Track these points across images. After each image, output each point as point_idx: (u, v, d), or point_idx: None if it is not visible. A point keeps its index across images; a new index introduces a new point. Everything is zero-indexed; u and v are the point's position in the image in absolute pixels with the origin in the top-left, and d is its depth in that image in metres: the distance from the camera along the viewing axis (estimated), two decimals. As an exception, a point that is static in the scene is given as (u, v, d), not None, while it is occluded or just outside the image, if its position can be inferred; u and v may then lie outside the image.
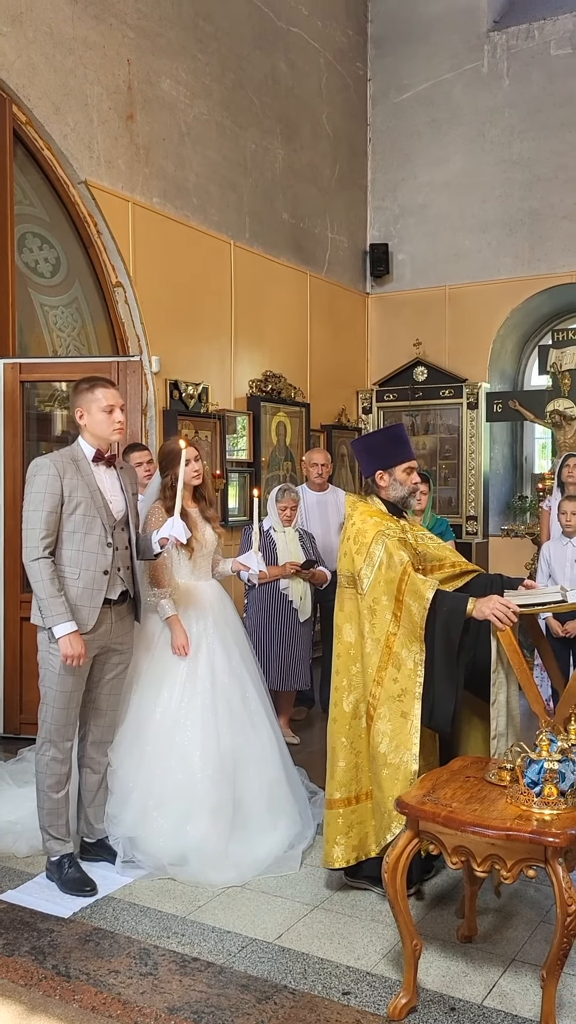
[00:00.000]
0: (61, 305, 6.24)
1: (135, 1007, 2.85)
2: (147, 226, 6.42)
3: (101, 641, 3.71)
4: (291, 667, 5.54)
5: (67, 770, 3.72)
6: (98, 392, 3.65)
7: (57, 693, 3.63)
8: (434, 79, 8.97)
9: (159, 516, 4.05)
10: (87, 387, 3.68)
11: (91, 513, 3.61)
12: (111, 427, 3.67)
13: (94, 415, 3.65)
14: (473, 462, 8.78)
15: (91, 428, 3.67)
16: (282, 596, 5.51)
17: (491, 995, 2.90)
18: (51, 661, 3.62)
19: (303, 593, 5.62)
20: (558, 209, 8.41)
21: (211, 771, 3.87)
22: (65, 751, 3.70)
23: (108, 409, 3.65)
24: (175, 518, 3.71)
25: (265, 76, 7.78)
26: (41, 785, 3.70)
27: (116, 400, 3.69)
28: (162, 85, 6.61)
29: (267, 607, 5.50)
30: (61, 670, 3.60)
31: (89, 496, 3.62)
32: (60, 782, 3.69)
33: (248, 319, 7.51)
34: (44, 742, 3.67)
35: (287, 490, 5.63)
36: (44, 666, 3.66)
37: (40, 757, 3.69)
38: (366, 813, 3.51)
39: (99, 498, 3.65)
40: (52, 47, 5.72)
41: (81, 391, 3.69)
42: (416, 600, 3.33)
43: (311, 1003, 2.85)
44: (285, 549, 5.55)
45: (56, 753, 3.66)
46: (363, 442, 3.83)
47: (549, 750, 2.75)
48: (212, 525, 4.25)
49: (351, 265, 9.17)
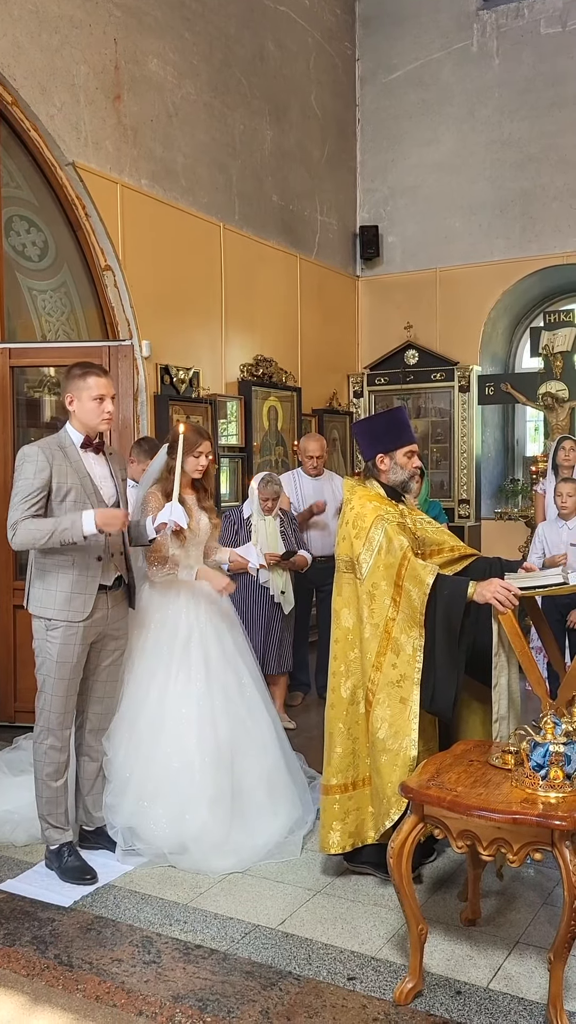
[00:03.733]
0: (50, 289, 6.16)
1: (139, 996, 2.83)
2: (136, 209, 6.34)
3: (98, 628, 3.68)
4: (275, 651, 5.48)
5: (65, 758, 3.70)
6: (90, 380, 3.60)
7: (55, 681, 3.60)
8: (423, 59, 8.89)
9: (157, 500, 4.00)
10: (79, 374, 3.62)
11: (82, 499, 3.57)
12: (100, 416, 3.61)
13: (84, 403, 3.60)
14: (465, 445, 8.75)
15: (80, 416, 3.62)
16: (264, 588, 5.43)
17: (496, 978, 2.89)
18: (48, 649, 3.59)
19: (284, 586, 5.51)
20: (549, 190, 8.37)
21: (209, 760, 3.84)
22: (64, 739, 3.67)
23: (98, 398, 3.59)
24: (173, 503, 3.67)
25: (253, 56, 7.68)
26: (39, 774, 3.67)
27: (107, 390, 3.63)
28: (149, 65, 6.52)
29: (248, 597, 5.42)
30: (59, 657, 3.57)
31: (79, 482, 3.58)
32: (59, 770, 3.67)
33: (238, 303, 7.45)
34: (42, 730, 3.64)
35: (270, 482, 5.50)
36: (41, 654, 3.63)
37: (39, 746, 3.66)
38: (363, 799, 3.50)
39: (89, 484, 3.61)
40: (37, 26, 5.62)
41: (73, 377, 3.63)
42: (416, 586, 3.31)
43: (316, 989, 2.84)
44: (265, 539, 5.48)
45: (55, 741, 3.64)
46: (364, 425, 3.79)
47: (554, 733, 2.74)
48: (208, 515, 4.20)
49: (341, 248, 9.10)
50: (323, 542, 6.02)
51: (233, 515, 5.58)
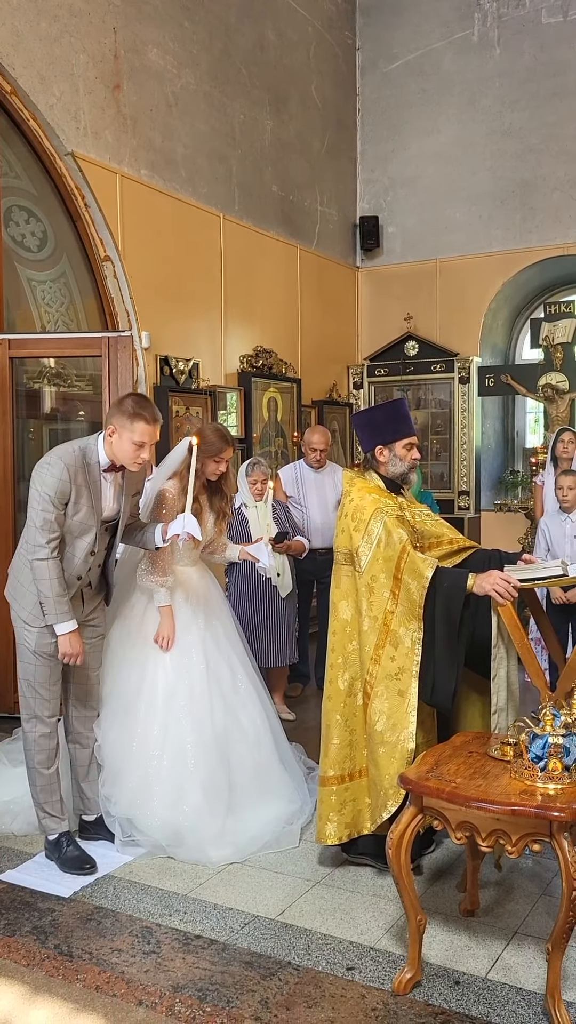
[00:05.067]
0: (49, 280, 6.15)
1: (139, 986, 2.84)
2: (135, 199, 6.32)
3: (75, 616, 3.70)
4: (278, 642, 5.49)
5: (55, 745, 3.73)
6: (137, 426, 3.52)
7: (35, 668, 3.64)
8: (424, 48, 8.85)
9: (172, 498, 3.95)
10: (130, 413, 3.53)
11: (88, 521, 3.60)
12: (133, 460, 3.59)
13: (123, 443, 3.55)
14: (465, 437, 8.75)
15: (115, 450, 3.58)
16: (266, 579, 5.44)
17: (495, 968, 2.90)
18: (26, 638, 3.64)
19: (280, 568, 5.51)
20: (550, 180, 8.34)
21: (202, 751, 3.85)
22: (51, 725, 3.70)
23: (139, 444, 3.57)
24: (186, 515, 3.64)
25: (253, 45, 7.64)
26: (31, 762, 3.70)
27: (151, 439, 3.57)
28: (149, 54, 6.48)
29: (247, 586, 5.44)
30: (35, 647, 3.62)
31: (90, 504, 3.59)
32: (50, 757, 3.70)
33: (238, 294, 7.43)
34: (30, 718, 3.68)
35: (256, 464, 5.49)
36: (21, 643, 3.68)
37: (28, 734, 3.70)
38: (360, 790, 3.50)
39: (99, 507, 3.63)
40: (36, 14, 5.59)
41: (123, 413, 3.54)
42: (415, 579, 3.31)
43: (315, 979, 2.85)
44: (257, 524, 5.47)
45: (43, 728, 3.67)
46: (364, 417, 3.78)
47: (553, 725, 2.74)
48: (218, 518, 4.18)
49: (341, 238, 9.08)
50: (324, 535, 6.02)
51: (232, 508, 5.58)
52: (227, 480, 4.18)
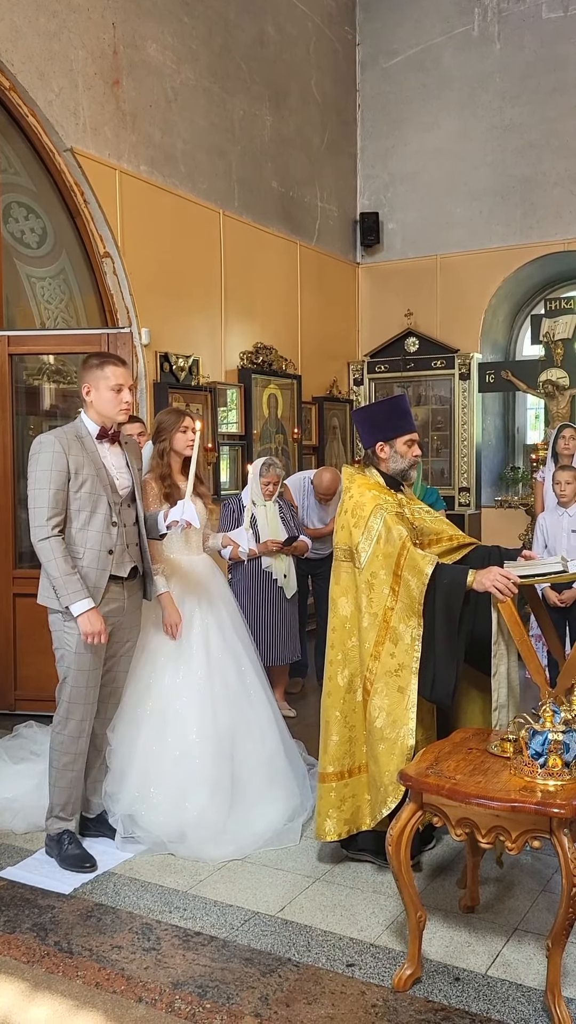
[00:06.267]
0: (48, 276, 6.14)
1: (139, 982, 2.84)
2: (135, 195, 6.31)
3: (113, 619, 3.67)
4: (282, 641, 5.50)
5: (83, 748, 3.69)
6: (108, 370, 3.55)
7: (76, 672, 3.58)
8: (424, 43, 8.83)
9: (152, 489, 4.00)
10: (97, 363, 3.58)
11: (97, 491, 3.54)
12: (118, 407, 3.58)
13: (101, 393, 3.56)
14: (465, 433, 8.74)
15: (97, 406, 3.59)
16: (266, 573, 5.46)
17: (495, 964, 2.90)
18: (67, 640, 3.57)
19: (287, 570, 5.54)
20: (550, 176, 8.32)
21: (208, 748, 3.85)
22: (83, 730, 3.65)
23: (116, 388, 3.56)
24: (186, 501, 3.65)
25: (253, 40, 7.63)
26: (55, 763, 3.66)
27: (126, 379, 3.59)
28: (148, 49, 6.47)
29: (251, 584, 5.44)
30: (79, 648, 3.55)
31: (95, 473, 3.55)
32: (75, 760, 3.66)
33: (238, 290, 7.42)
34: (62, 720, 3.63)
35: (271, 465, 5.50)
36: (60, 646, 3.61)
37: (57, 735, 3.65)
38: (360, 787, 3.50)
39: (104, 475, 3.58)
40: (35, 10, 5.57)
41: (90, 367, 3.59)
42: (415, 576, 3.30)
43: (315, 976, 2.85)
44: (265, 524, 5.48)
45: (74, 731, 3.62)
46: (364, 413, 3.78)
47: (553, 721, 2.73)
48: (204, 501, 4.20)
49: (341, 234, 9.06)
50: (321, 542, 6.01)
51: (233, 503, 5.58)
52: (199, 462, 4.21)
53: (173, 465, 4.08)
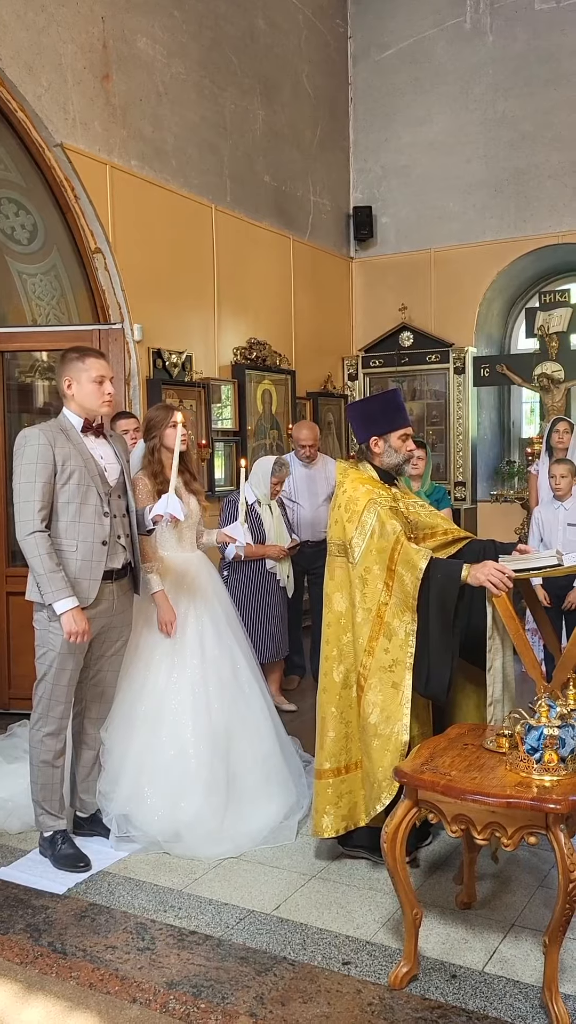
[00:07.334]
0: (39, 273, 6.09)
1: (133, 983, 2.82)
2: (126, 190, 6.26)
3: (103, 619, 3.64)
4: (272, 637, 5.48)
5: (62, 746, 3.67)
6: (88, 362, 3.54)
7: (56, 671, 3.56)
8: (416, 36, 8.78)
9: (145, 486, 3.97)
10: (76, 356, 3.56)
11: (85, 482, 3.50)
12: (100, 399, 3.56)
13: (83, 386, 3.54)
14: (460, 427, 8.71)
15: (79, 399, 3.56)
16: (269, 574, 5.46)
17: (492, 961, 2.88)
18: (51, 640, 3.54)
19: (289, 571, 5.60)
20: (544, 168, 8.29)
21: (203, 747, 3.82)
22: (61, 728, 3.64)
23: (98, 380, 3.53)
24: (170, 495, 3.61)
25: (243, 34, 7.58)
26: (35, 760, 3.65)
27: (107, 371, 3.57)
28: (138, 43, 6.42)
29: (250, 582, 5.42)
30: (62, 649, 3.52)
31: (83, 464, 3.51)
32: (55, 758, 3.64)
33: (231, 285, 7.38)
34: (40, 718, 3.61)
35: (284, 465, 5.51)
36: (43, 644, 3.58)
37: (35, 733, 3.63)
38: (356, 783, 3.48)
39: (93, 466, 3.55)
40: (23, 3, 5.52)
41: (70, 360, 3.56)
42: (409, 570, 3.28)
43: (311, 974, 2.83)
44: (271, 527, 5.48)
45: (52, 729, 3.60)
46: (358, 408, 3.75)
47: (549, 716, 2.71)
48: (197, 497, 4.18)
49: (334, 229, 9.02)
50: (314, 529, 6.00)
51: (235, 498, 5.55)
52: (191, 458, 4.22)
53: (165, 462, 4.05)
